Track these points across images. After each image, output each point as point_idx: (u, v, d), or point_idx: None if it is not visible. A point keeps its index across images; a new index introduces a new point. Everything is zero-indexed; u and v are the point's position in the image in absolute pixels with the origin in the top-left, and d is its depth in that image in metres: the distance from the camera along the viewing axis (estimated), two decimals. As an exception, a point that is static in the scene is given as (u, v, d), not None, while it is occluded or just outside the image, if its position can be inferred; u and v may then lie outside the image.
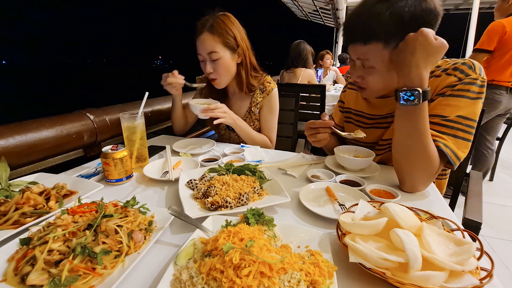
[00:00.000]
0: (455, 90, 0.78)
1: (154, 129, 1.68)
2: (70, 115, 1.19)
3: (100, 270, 0.47)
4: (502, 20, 2.11)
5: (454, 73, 0.80)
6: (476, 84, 0.77)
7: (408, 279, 0.43)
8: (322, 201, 0.76)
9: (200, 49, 1.15)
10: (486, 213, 0.99)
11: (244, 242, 0.47)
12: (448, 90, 0.80)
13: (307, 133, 0.98)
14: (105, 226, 0.53)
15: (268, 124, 1.34)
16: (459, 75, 0.79)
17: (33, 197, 0.65)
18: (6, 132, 0.94)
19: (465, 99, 0.77)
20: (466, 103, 0.77)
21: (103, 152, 0.82)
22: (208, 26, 1.12)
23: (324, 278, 0.44)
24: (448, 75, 0.81)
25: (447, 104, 0.79)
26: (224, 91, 1.36)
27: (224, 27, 1.13)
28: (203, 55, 1.16)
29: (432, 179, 0.81)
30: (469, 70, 0.79)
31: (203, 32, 1.12)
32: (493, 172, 2.70)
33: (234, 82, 1.28)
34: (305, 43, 2.85)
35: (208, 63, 1.16)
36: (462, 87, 0.78)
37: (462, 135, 0.77)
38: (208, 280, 0.43)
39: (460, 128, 0.77)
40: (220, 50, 1.14)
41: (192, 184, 0.80)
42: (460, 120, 0.77)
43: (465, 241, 0.48)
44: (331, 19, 9.06)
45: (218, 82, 1.22)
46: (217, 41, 1.12)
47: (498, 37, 2.09)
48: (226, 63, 1.17)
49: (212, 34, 1.12)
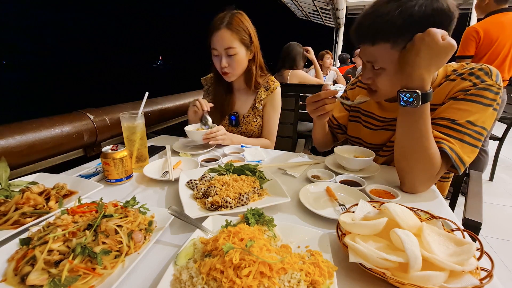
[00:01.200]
0: (468, 95, 0.77)
1: (154, 129, 1.68)
2: (70, 115, 1.19)
3: (100, 270, 0.47)
4: (476, 25, 2.13)
5: (470, 78, 0.79)
6: (490, 91, 0.76)
7: (408, 279, 0.43)
8: (322, 201, 0.76)
9: (217, 45, 1.18)
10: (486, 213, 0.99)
11: (244, 242, 0.47)
12: (461, 94, 0.78)
13: (310, 109, 0.93)
14: (105, 226, 0.53)
15: (270, 121, 1.38)
16: (474, 80, 0.78)
17: (33, 197, 0.65)
18: (6, 132, 0.94)
19: (477, 104, 0.75)
20: (477, 109, 0.75)
21: (103, 152, 0.82)
22: (226, 22, 1.16)
23: (324, 278, 0.44)
24: (463, 79, 0.80)
25: (457, 108, 0.77)
26: (230, 87, 1.39)
27: (241, 24, 1.19)
28: (219, 50, 1.19)
29: (432, 181, 0.80)
30: (485, 76, 0.77)
31: (221, 28, 1.16)
32: (493, 172, 2.70)
33: (242, 77, 1.32)
34: (296, 45, 2.77)
35: (223, 58, 1.20)
36: (476, 92, 0.76)
37: (468, 140, 0.75)
38: (208, 280, 0.43)
39: (468, 133, 0.75)
40: (237, 46, 1.18)
41: (192, 184, 0.79)
42: (469, 126, 0.75)
43: (465, 241, 0.48)
44: (331, 19, 9.06)
45: (231, 75, 1.26)
46: (235, 38, 1.17)
47: (475, 42, 2.11)
48: (241, 58, 1.22)
49: (231, 30, 1.16)
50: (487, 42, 2.08)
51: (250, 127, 1.37)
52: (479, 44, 2.11)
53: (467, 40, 2.14)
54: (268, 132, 1.39)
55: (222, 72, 1.25)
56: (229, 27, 1.16)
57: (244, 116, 1.37)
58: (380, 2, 0.76)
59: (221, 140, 1.16)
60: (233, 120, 1.37)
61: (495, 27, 2.07)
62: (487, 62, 2.11)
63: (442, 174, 0.79)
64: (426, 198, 0.79)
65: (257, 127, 1.38)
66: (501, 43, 2.05)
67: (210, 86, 1.45)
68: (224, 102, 1.37)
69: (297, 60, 2.79)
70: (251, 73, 1.30)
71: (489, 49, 2.08)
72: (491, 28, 2.07)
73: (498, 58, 2.08)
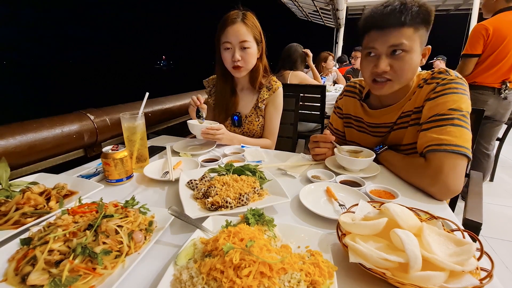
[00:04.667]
0: (436, 92, 0.88)
1: (154, 129, 1.69)
2: (71, 116, 1.19)
3: (101, 270, 0.47)
4: (485, 22, 2.04)
5: (432, 81, 0.91)
6: (456, 82, 0.87)
7: (408, 279, 0.43)
8: (322, 201, 0.76)
9: (232, 37, 1.20)
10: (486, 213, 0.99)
11: (244, 242, 0.47)
12: (431, 94, 0.89)
13: (309, 146, 1.06)
14: (106, 226, 0.53)
15: (271, 121, 1.39)
16: (436, 80, 0.90)
17: (33, 197, 0.66)
18: (7, 132, 0.95)
19: (449, 95, 0.86)
20: (451, 98, 0.85)
21: (104, 152, 0.82)
22: (241, 17, 1.21)
23: (324, 278, 0.44)
24: (428, 84, 0.92)
25: (435, 104, 0.87)
26: (233, 87, 1.39)
27: (254, 21, 1.24)
28: (234, 43, 1.21)
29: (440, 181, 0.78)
30: (443, 75, 0.90)
31: (237, 22, 1.20)
32: (493, 172, 2.70)
33: (247, 76, 1.34)
34: (298, 46, 2.77)
35: (237, 51, 1.21)
36: (442, 87, 0.87)
37: (458, 123, 0.82)
38: (208, 280, 0.43)
39: (456, 117, 0.83)
40: (251, 40, 1.22)
41: (192, 184, 0.80)
42: (453, 112, 0.84)
43: (465, 242, 0.48)
44: (331, 19, 9.06)
45: (243, 69, 1.27)
46: (249, 32, 1.21)
47: (483, 40, 2.03)
48: (253, 53, 1.25)
49: (246, 25, 1.21)
50: (496, 40, 1.99)
51: (252, 126, 1.38)
52: (487, 42, 2.02)
53: (475, 37, 2.04)
54: (269, 132, 1.39)
55: (233, 66, 1.25)
56: (245, 21, 1.20)
57: (247, 116, 1.38)
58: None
59: (218, 139, 1.17)
60: (236, 120, 1.38)
61: (505, 25, 1.97)
62: (494, 61, 2.02)
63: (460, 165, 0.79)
64: (426, 198, 0.79)
65: (259, 127, 1.39)
66: (510, 42, 1.97)
67: (212, 88, 1.46)
68: (228, 103, 1.37)
69: (298, 62, 2.78)
70: (258, 71, 1.32)
71: (498, 48, 2.00)
72: (501, 25, 1.98)
73: (507, 57, 1.99)
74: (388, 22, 0.84)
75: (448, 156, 0.79)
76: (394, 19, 0.83)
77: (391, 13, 0.83)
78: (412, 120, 0.95)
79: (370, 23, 0.89)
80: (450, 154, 0.79)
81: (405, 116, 0.97)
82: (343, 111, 1.20)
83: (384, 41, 0.85)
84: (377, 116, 1.04)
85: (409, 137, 0.96)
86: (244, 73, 1.29)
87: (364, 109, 1.09)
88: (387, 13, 0.84)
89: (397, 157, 0.95)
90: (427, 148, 0.83)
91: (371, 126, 1.08)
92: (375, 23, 0.87)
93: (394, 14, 0.83)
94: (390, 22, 0.84)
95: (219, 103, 1.39)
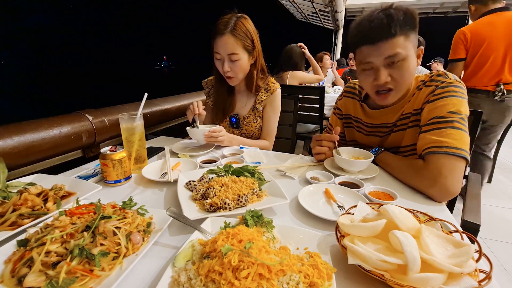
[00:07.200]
0: (436, 95, 0.89)
1: (153, 130, 1.68)
2: (69, 116, 1.19)
3: (98, 272, 0.46)
4: (463, 28, 2.11)
5: (431, 83, 0.92)
6: (453, 85, 0.88)
7: (407, 281, 0.43)
8: (321, 202, 0.76)
9: (220, 49, 1.19)
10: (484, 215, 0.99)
11: (243, 243, 0.47)
12: (431, 96, 0.90)
13: (312, 145, 1.06)
14: (103, 227, 0.52)
15: (269, 122, 1.39)
16: (435, 83, 0.91)
17: (31, 198, 0.65)
18: (4, 132, 0.94)
19: (448, 98, 0.86)
20: (451, 101, 0.86)
21: (102, 153, 0.82)
22: (230, 28, 1.16)
23: (323, 280, 0.44)
24: (427, 86, 0.93)
25: (434, 107, 0.87)
26: (231, 89, 1.40)
27: (245, 30, 1.19)
28: (222, 55, 1.20)
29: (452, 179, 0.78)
30: (442, 77, 0.91)
31: (225, 34, 1.16)
32: (491, 174, 2.71)
33: (244, 81, 1.34)
34: (296, 47, 2.78)
35: (226, 62, 1.20)
36: (441, 90, 0.88)
37: (458, 126, 0.83)
38: (207, 282, 0.43)
39: (456, 119, 0.84)
40: (240, 52, 1.20)
41: (191, 186, 0.79)
42: (452, 115, 0.84)
43: (464, 243, 0.48)
44: (330, 21, 9.09)
45: (234, 79, 1.27)
46: (238, 44, 1.18)
47: (463, 44, 2.10)
48: (243, 64, 1.23)
49: (234, 36, 1.17)
50: (475, 44, 2.05)
51: (250, 128, 1.38)
52: (467, 46, 2.09)
53: (456, 43, 2.13)
54: (266, 133, 1.39)
55: (225, 76, 1.26)
56: (233, 32, 1.16)
57: (245, 117, 1.38)
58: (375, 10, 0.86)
59: (220, 141, 1.17)
60: (234, 122, 1.38)
61: (483, 27, 2.03)
62: (477, 63, 2.06)
63: (459, 168, 0.80)
64: (424, 200, 0.79)
65: (257, 128, 1.39)
66: (492, 43, 2.00)
67: (211, 88, 1.46)
68: (225, 104, 1.38)
69: (299, 63, 2.79)
70: (252, 77, 1.31)
71: (479, 51, 2.04)
72: (479, 29, 2.04)
73: (491, 59, 2.02)
74: (378, 36, 0.83)
75: (447, 158, 0.79)
76: (383, 32, 0.82)
77: (379, 26, 0.83)
78: (411, 122, 0.95)
79: (359, 40, 0.89)
80: (449, 156, 0.79)
81: (404, 118, 0.97)
82: (342, 112, 1.21)
83: (379, 54, 0.85)
84: (376, 116, 1.05)
85: (408, 138, 0.97)
86: (237, 82, 1.30)
87: (364, 109, 1.10)
88: (376, 27, 0.83)
89: (395, 159, 0.95)
90: (427, 150, 0.84)
91: (370, 127, 1.09)
92: (365, 39, 0.86)
93: (382, 27, 0.82)
94: (380, 35, 0.83)
95: (217, 103, 1.39)
